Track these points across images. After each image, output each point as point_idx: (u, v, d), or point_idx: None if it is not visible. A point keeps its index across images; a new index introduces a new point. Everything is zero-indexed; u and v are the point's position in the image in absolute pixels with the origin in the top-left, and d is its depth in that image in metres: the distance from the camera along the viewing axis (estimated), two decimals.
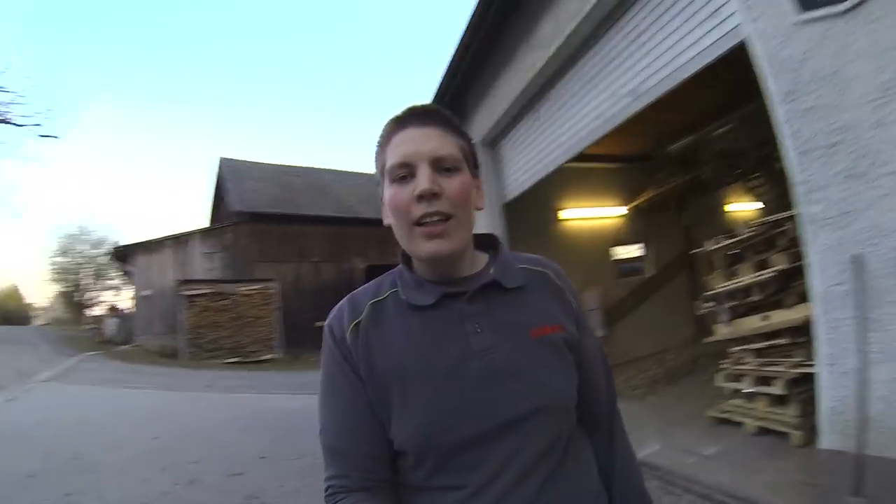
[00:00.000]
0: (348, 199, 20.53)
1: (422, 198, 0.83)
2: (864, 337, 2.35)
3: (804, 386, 3.55)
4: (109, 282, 36.55)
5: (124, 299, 29.40)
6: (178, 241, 16.31)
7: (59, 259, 36.79)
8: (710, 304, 4.81)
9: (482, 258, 0.97)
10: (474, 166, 0.94)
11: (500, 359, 0.85)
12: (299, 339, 16.19)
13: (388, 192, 0.88)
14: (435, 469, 0.83)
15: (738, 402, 4.19)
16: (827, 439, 2.53)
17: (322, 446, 0.89)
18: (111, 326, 16.51)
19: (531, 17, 5.32)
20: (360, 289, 0.97)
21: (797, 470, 3.05)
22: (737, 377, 4.26)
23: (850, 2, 2.31)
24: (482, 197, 0.95)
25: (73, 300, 38.34)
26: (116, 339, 16.06)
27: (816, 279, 2.65)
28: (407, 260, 0.96)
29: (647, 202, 8.52)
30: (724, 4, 3.24)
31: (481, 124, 7.00)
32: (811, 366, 3.32)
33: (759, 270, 4.29)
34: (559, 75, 5.41)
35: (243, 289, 15.58)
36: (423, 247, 0.85)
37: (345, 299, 0.96)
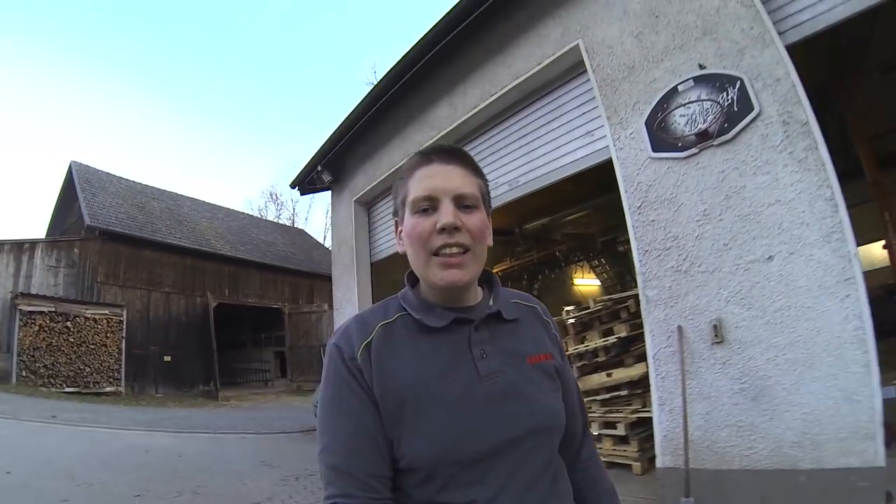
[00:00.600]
0: (206, 232, 19.56)
1: (443, 230, 0.89)
2: (684, 384, 3.30)
3: (641, 427, 4.52)
4: None
5: None
6: (19, 247, 13.98)
7: None
8: None
9: (479, 290, 1.03)
10: (488, 206, 1.00)
11: (504, 383, 0.91)
12: (143, 372, 14.91)
13: (410, 221, 0.93)
14: (444, 486, 0.85)
15: None
16: (662, 460, 3.42)
17: (324, 465, 0.89)
18: None
19: (429, 97, 6.05)
20: (366, 310, 1.00)
21: (641, 490, 3.87)
22: None
23: (688, 152, 3.38)
24: (491, 234, 1.00)
25: None
26: None
27: (650, 343, 3.61)
28: (413, 284, 1.01)
29: (502, 272, 9.61)
30: (597, 129, 4.27)
31: (358, 184, 7.49)
32: (646, 411, 4.30)
33: (605, 336, 5.31)
34: None
35: (89, 312, 13.82)
36: (440, 275, 0.90)
37: (351, 320, 0.98)
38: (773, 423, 2.96)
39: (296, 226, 34.17)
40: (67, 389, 12.66)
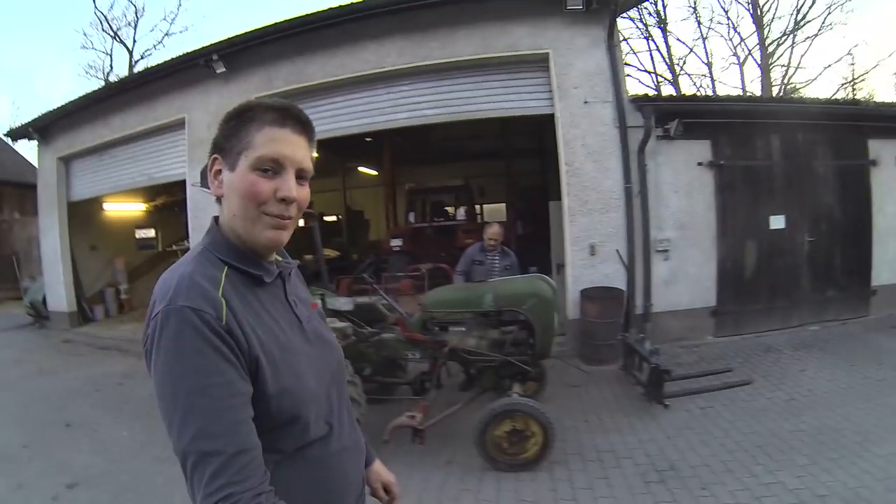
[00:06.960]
0: None
1: (283, 200, 0.88)
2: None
3: None
4: None
5: None
6: None
7: None
8: None
9: None
10: None
11: (314, 326, 1.03)
12: None
13: (247, 177, 0.87)
14: (305, 426, 0.90)
15: None
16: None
17: (200, 454, 0.74)
18: None
19: None
20: (189, 268, 0.88)
21: None
22: None
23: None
24: None
25: None
26: None
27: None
28: (219, 234, 0.95)
29: (160, 204, 11.94)
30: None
31: (61, 146, 9.87)
32: None
33: None
34: None
35: None
36: (268, 234, 0.90)
37: (182, 278, 0.85)
38: None
39: None
40: None
